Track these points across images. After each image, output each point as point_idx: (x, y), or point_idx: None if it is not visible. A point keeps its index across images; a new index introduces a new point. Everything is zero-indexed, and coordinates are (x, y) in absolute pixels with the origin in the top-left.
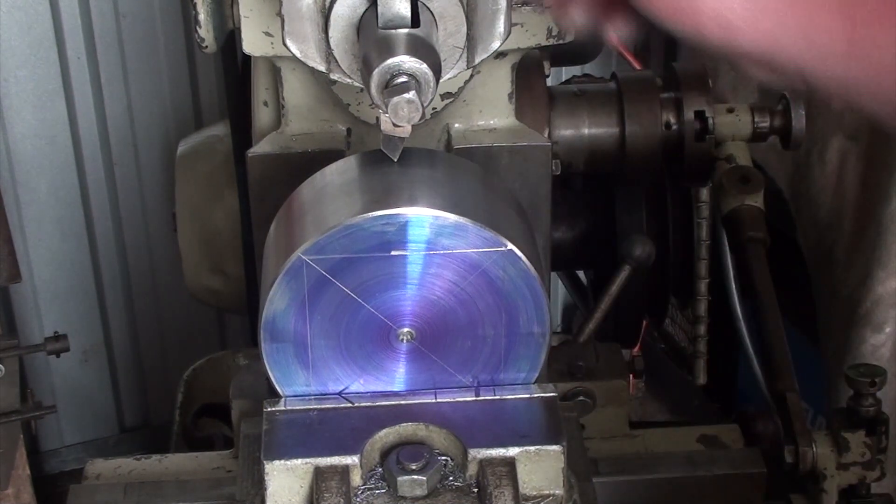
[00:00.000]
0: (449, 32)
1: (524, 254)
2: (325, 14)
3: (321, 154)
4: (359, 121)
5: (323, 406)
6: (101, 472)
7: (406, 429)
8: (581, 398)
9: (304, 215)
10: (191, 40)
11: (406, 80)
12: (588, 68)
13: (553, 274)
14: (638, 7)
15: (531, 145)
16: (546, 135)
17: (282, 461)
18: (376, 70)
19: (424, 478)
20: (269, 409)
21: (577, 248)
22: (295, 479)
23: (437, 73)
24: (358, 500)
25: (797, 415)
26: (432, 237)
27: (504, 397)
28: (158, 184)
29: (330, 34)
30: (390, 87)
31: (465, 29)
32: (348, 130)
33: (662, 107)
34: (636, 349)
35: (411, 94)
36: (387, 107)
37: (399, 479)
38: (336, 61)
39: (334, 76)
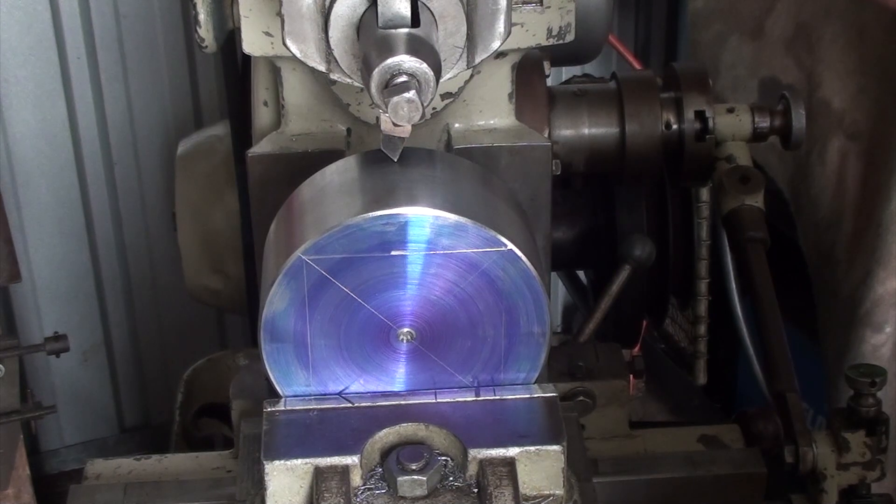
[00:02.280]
0: (449, 32)
1: (524, 254)
2: (325, 14)
3: (321, 154)
4: (359, 121)
5: (323, 406)
6: (101, 472)
7: (406, 429)
8: (581, 398)
9: (304, 215)
10: (191, 40)
11: (406, 79)
12: (588, 68)
13: (553, 274)
14: None
15: (531, 145)
16: (546, 135)
17: (282, 461)
18: (376, 70)
19: (424, 478)
20: (269, 409)
21: (577, 248)
22: (295, 479)
23: (438, 72)
24: (358, 500)
25: (797, 415)
26: (432, 237)
27: (504, 397)
28: (158, 184)
29: (330, 34)
30: (390, 87)
31: (464, 29)
32: (348, 130)
33: (662, 107)
34: (636, 349)
35: (411, 94)
36: (387, 106)
37: (399, 479)
38: (336, 61)
39: (334, 76)
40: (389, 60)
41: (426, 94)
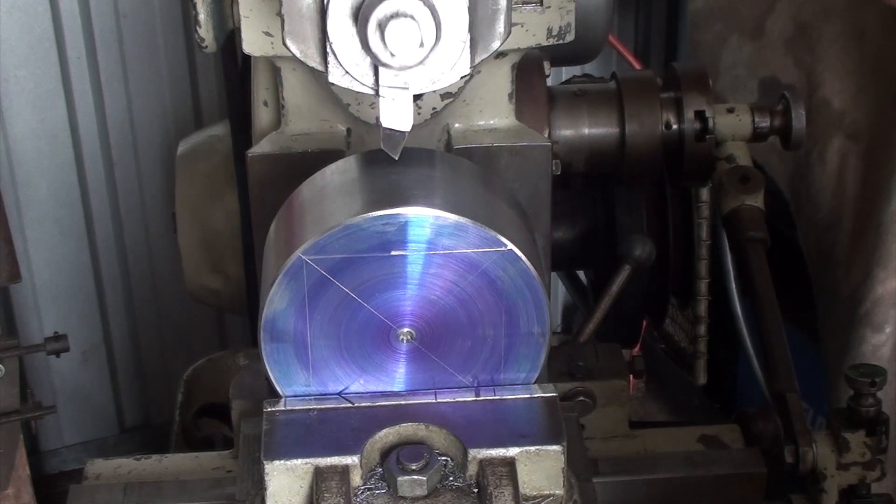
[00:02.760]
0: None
1: (524, 254)
2: (323, 9)
3: (321, 154)
4: (359, 121)
5: (323, 406)
6: (101, 472)
7: (406, 429)
8: (581, 398)
9: (304, 215)
10: (191, 40)
11: (406, 16)
12: (588, 68)
13: (553, 274)
14: None
15: (531, 145)
16: (546, 135)
17: (282, 461)
18: (373, 13)
19: (424, 478)
20: (269, 409)
21: (577, 248)
22: (295, 479)
23: (439, 27)
24: (358, 500)
25: (797, 415)
26: (432, 237)
27: (504, 397)
28: (158, 184)
29: (328, 26)
30: (389, 22)
31: (467, 19)
32: (348, 130)
33: (662, 107)
34: (636, 349)
35: (411, 22)
36: (385, 43)
37: (399, 479)
38: (336, 58)
39: (332, 79)
40: (387, 1)
41: (427, 37)
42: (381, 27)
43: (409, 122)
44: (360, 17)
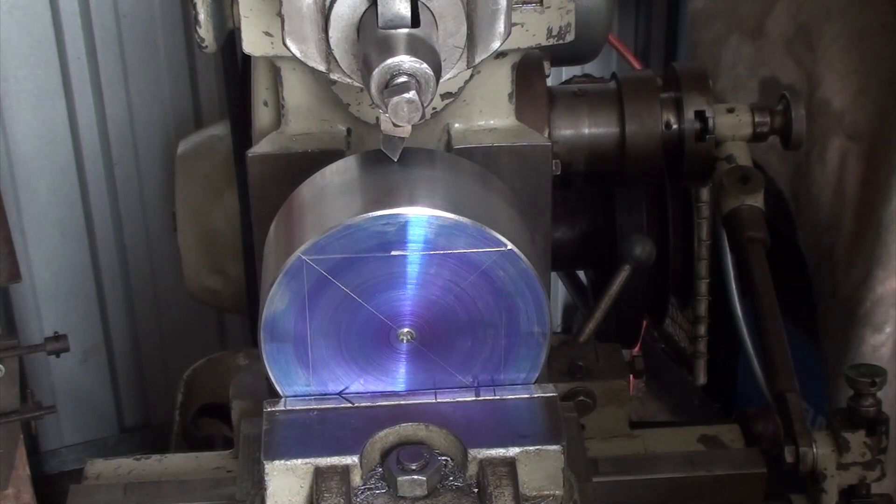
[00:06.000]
0: (449, 32)
1: (524, 254)
2: (325, 14)
3: (321, 154)
4: (359, 121)
5: (323, 406)
6: (101, 472)
7: (406, 429)
8: (581, 398)
9: (304, 215)
10: (191, 40)
11: (406, 80)
12: (588, 68)
13: (553, 274)
14: None
15: (531, 145)
16: (546, 135)
17: (282, 461)
18: (376, 70)
19: (424, 478)
20: (269, 409)
21: (577, 248)
22: (295, 479)
23: (438, 72)
24: (358, 500)
25: (797, 415)
26: (432, 237)
27: (504, 397)
28: (158, 184)
29: (330, 34)
30: (390, 87)
31: (465, 29)
32: (348, 130)
33: (662, 107)
34: (636, 349)
35: (411, 94)
36: (387, 107)
37: (399, 479)
38: (336, 61)
39: (334, 76)
40: (389, 61)
41: (426, 95)
42: (385, 92)
43: (408, 129)
44: (364, 62)
